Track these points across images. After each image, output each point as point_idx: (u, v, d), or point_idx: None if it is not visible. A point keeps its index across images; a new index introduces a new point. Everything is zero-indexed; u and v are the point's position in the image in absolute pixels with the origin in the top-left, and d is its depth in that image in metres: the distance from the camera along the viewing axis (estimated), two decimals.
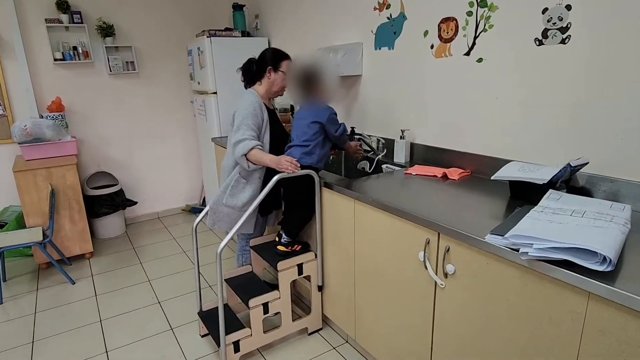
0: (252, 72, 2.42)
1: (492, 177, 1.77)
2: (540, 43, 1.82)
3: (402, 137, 2.53)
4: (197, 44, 3.79)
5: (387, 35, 2.61)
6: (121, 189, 4.20)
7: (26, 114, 3.79)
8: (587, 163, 1.70)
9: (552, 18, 1.75)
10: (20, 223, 3.55)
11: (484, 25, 2.03)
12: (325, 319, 2.60)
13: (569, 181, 1.75)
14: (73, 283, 3.26)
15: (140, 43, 4.23)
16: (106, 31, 3.98)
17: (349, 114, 3.07)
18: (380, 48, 2.69)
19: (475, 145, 2.20)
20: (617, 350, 1.11)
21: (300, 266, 2.35)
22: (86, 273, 3.43)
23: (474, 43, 2.10)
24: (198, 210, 4.80)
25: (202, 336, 2.53)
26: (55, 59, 3.81)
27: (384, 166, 2.58)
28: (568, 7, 1.70)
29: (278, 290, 2.28)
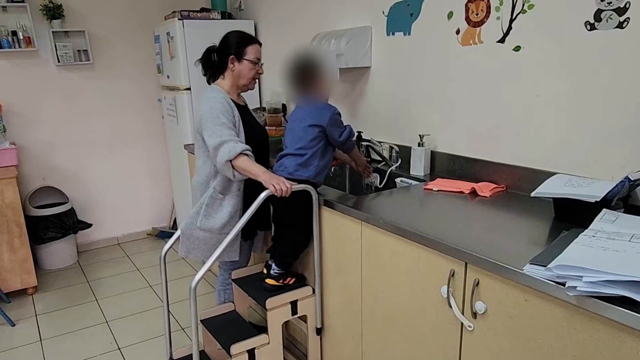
0: (214, 64, 2.45)
1: (532, 194, 1.78)
2: (592, 27, 1.84)
3: (421, 144, 2.55)
4: (166, 29, 3.83)
5: (403, 17, 2.65)
6: (72, 208, 4.21)
7: None
8: None
9: None
10: None
11: (523, 4, 2.06)
12: None
13: (628, 199, 1.76)
14: (12, 325, 3.25)
15: (95, 27, 4.28)
16: (53, 12, 4.01)
17: (354, 115, 3.09)
18: (393, 33, 2.72)
19: (511, 154, 2.22)
20: None
21: (294, 304, 2.34)
22: (29, 312, 3.42)
23: (510, 27, 2.13)
24: (167, 235, 4.80)
25: None
26: None
27: (398, 180, 2.59)
28: None
29: (267, 333, 2.28)
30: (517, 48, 2.11)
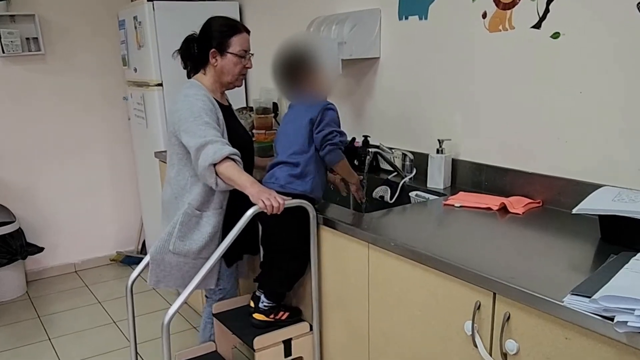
0: (195, 56, 2.47)
1: (574, 210, 1.79)
2: None
3: (440, 151, 2.56)
4: (133, 12, 3.84)
5: None
6: (20, 229, 4.20)
7: None
8: None
9: None
10: None
11: None
12: None
13: None
14: None
15: (47, 10, 4.29)
16: None
17: (360, 116, 3.10)
18: (407, 17, 2.74)
19: (549, 162, 2.22)
20: None
21: (287, 343, 2.34)
22: None
23: (547, 9, 2.13)
24: (135, 260, 4.79)
25: None
26: None
27: (413, 194, 2.60)
28: None
29: None
30: (556, 35, 2.12)
